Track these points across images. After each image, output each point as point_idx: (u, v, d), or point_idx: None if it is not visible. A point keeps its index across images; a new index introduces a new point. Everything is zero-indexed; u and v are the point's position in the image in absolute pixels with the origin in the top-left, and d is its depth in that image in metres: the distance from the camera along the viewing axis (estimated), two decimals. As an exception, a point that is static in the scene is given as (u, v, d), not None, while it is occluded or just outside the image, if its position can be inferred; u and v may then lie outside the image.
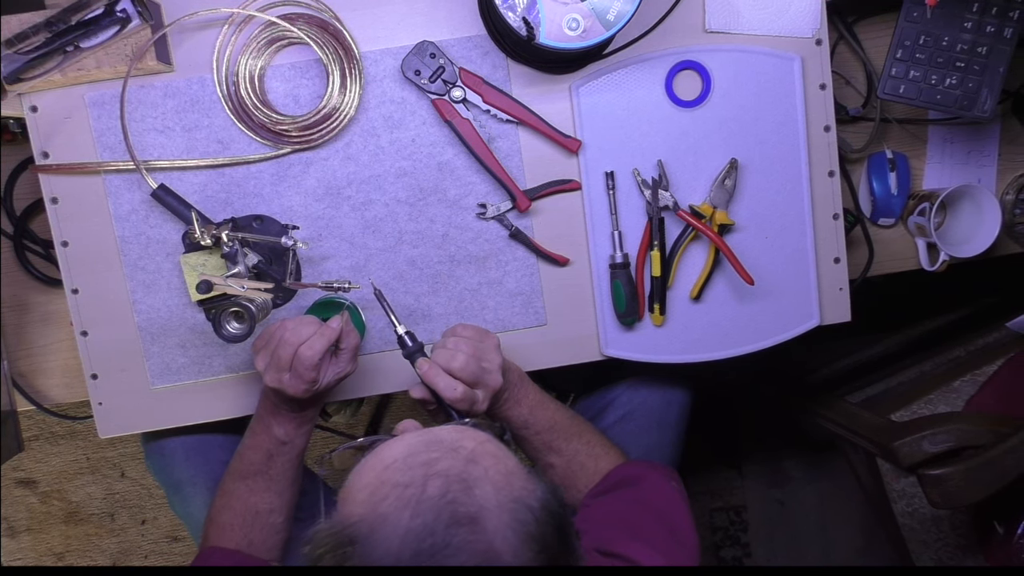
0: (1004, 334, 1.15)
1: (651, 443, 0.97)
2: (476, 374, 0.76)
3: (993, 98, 0.90)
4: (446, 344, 0.77)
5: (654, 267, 0.88)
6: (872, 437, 1.00)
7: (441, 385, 0.75)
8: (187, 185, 0.85)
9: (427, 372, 0.75)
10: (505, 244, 0.89)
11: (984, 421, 0.92)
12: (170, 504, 0.97)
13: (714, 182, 0.88)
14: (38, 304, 0.98)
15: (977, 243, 0.98)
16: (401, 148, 0.87)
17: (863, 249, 1.01)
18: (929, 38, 0.89)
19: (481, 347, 0.78)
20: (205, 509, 0.87)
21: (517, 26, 0.75)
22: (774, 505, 1.78)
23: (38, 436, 1.70)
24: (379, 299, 0.79)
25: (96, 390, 0.88)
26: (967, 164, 1.02)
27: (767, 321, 0.90)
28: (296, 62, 0.85)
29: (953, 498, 0.87)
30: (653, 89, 0.86)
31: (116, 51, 0.80)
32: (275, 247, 0.85)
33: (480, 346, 0.78)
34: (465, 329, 0.79)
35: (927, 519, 1.05)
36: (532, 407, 0.83)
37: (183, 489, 0.94)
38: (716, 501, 1.78)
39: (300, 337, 0.74)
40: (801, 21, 0.86)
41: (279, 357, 0.74)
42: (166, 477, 0.95)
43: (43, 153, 0.84)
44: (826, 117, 0.88)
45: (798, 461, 1.77)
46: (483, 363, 0.77)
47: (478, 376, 0.76)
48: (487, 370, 0.77)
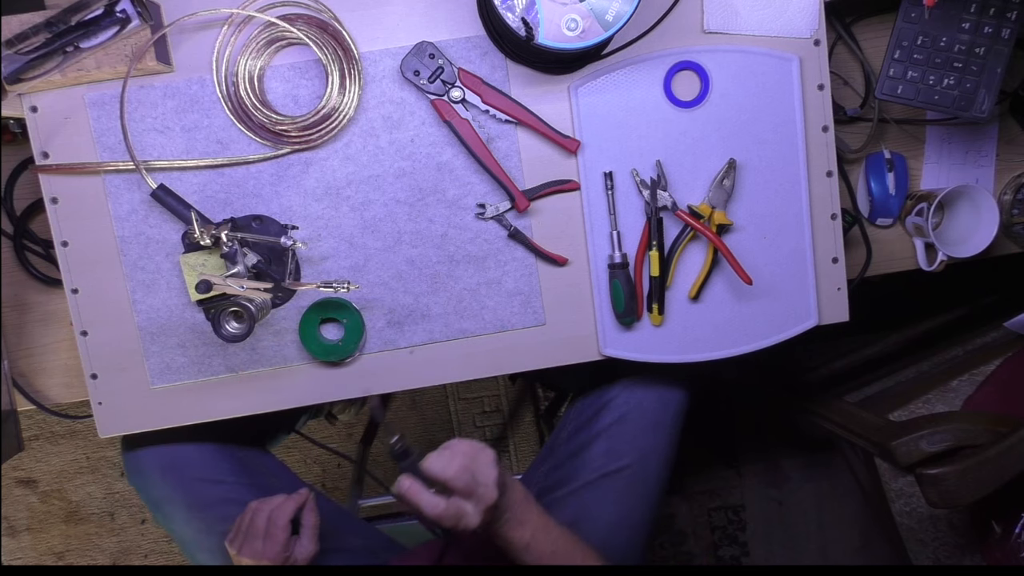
0: (1002, 334, 1.16)
1: (647, 445, 0.97)
2: (469, 485, 0.72)
3: (991, 98, 0.90)
4: (441, 454, 0.74)
5: (653, 267, 0.88)
6: (870, 437, 1.01)
7: (423, 503, 0.72)
8: (187, 185, 0.86)
9: (407, 491, 0.72)
10: (504, 244, 0.89)
11: (982, 420, 0.93)
12: (155, 520, 0.99)
13: (712, 182, 0.88)
14: (38, 304, 0.98)
15: (975, 243, 0.98)
16: (400, 148, 0.87)
17: (861, 249, 1.01)
18: (927, 39, 0.89)
19: (476, 461, 0.74)
20: (186, 526, 0.94)
21: (516, 26, 0.75)
22: (772, 504, 1.78)
23: (38, 436, 1.71)
24: (376, 415, 0.79)
25: (96, 390, 0.88)
26: (965, 164, 1.03)
27: (765, 321, 0.90)
28: (295, 62, 0.85)
29: (951, 497, 0.87)
30: (652, 89, 0.87)
31: (116, 51, 0.80)
32: (274, 247, 0.85)
33: (476, 459, 0.74)
34: (460, 443, 0.76)
35: (925, 518, 1.06)
36: (535, 530, 0.79)
37: (163, 507, 0.96)
38: (714, 500, 1.79)
39: (271, 505, 0.84)
40: (799, 22, 0.87)
41: (254, 525, 0.83)
42: (146, 495, 0.97)
43: (43, 153, 0.84)
44: (824, 117, 0.88)
45: (796, 460, 1.78)
46: (477, 475, 0.73)
47: (471, 488, 0.72)
48: (481, 483, 0.73)
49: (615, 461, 0.96)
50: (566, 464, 1.00)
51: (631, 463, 0.96)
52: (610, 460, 0.97)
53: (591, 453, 0.98)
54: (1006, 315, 1.07)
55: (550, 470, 1.02)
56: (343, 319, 0.87)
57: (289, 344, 0.88)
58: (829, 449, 1.74)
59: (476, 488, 0.73)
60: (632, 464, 0.96)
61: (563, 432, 1.05)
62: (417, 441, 1.79)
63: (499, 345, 0.90)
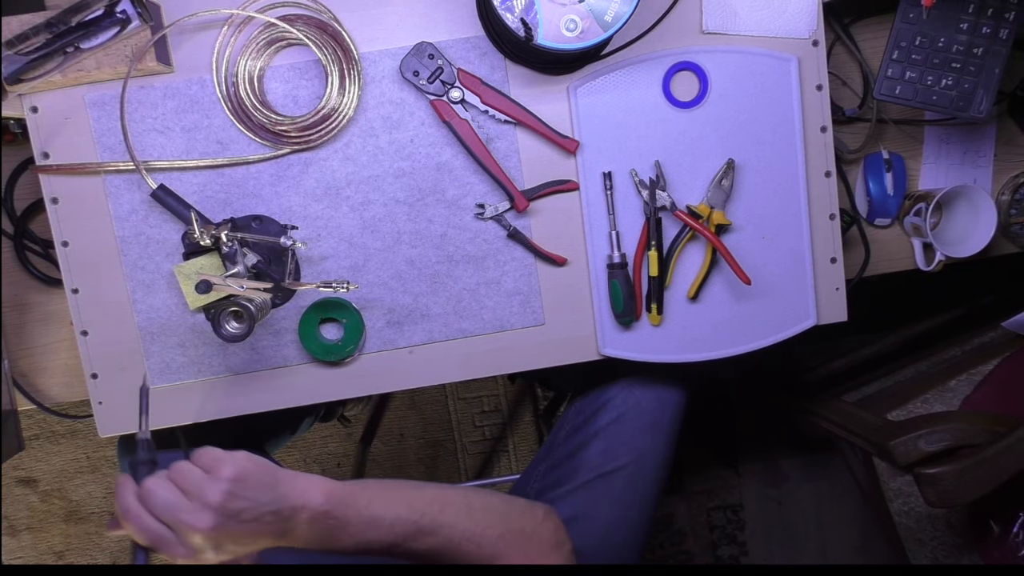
0: (1000, 333, 1.16)
1: (645, 445, 0.97)
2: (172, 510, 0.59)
3: (989, 99, 0.90)
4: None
5: (651, 267, 0.88)
6: (868, 436, 1.01)
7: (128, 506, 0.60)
8: (186, 185, 0.86)
9: (118, 489, 0.61)
10: (503, 244, 0.89)
11: (980, 420, 0.93)
12: None
13: (711, 182, 0.88)
14: (38, 304, 0.98)
15: (973, 243, 0.98)
16: (400, 148, 0.87)
17: (859, 249, 1.01)
18: (925, 39, 0.89)
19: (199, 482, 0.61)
20: None
21: (515, 27, 0.75)
22: (771, 504, 1.78)
23: (38, 435, 1.71)
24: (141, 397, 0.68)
25: (96, 389, 0.88)
26: (963, 165, 1.03)
27: (764, 321, 0.90)
28: (295, 63, 0.85)
29: (949, 497, 0.88)
30: (650, 90, 0.87)
31: (116, 52, 0.80)
32: (274, 247, 0.85)
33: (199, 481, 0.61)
34: (205, 455, 0.62)
35: (923, 518, 1.06)
36: (365, 524, 0.64)
37: None
38: (713, 500, 1.79)
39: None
40: (798, 22, 0.87)
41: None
42: None
43: (43, 153, 0.85)
44: (823, 118, 0.89)
45: (795, 460, 1.78)
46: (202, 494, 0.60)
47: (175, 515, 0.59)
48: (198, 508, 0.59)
49: (612, 461, 0.97)
50: (564, 464, 1.00)
51: (628, 463, 0.96)
52: (607, 460, 0.97)
53: (588, 453, 0.98)
54: (1004, 315, 1.07)
55: (548, 469, 1.03)
56: (343, 319, 0.87)
57: (289, 344, 0.89)
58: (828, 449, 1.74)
59: (180, 516, 0.59)
60: (629, 464, 0.96)
61: (561, 432, 1.05)
62: (417, 440, 1.80)
63: (498, 345, 0.90)
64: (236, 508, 0.59)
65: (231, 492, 0.60)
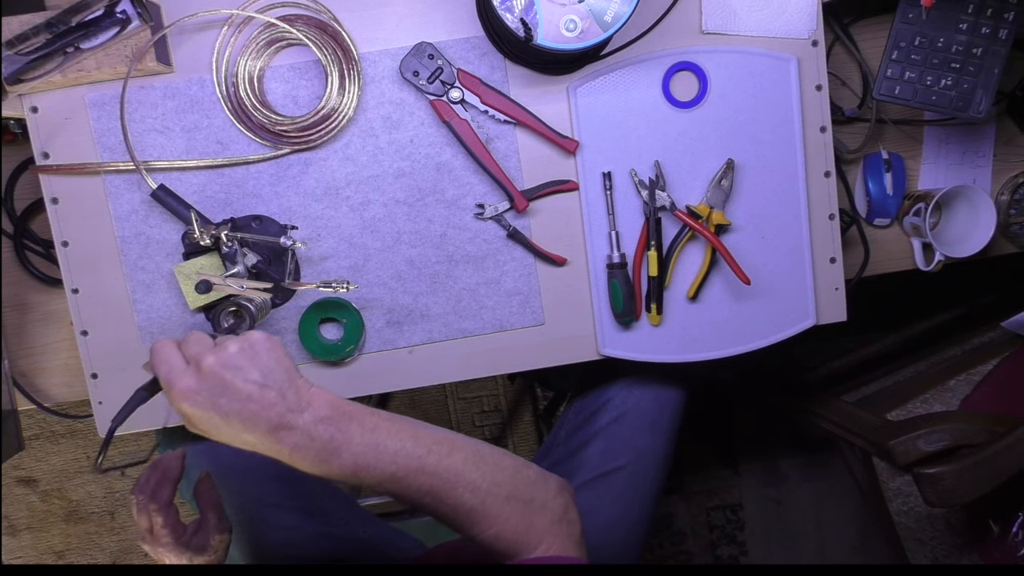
0: (999, 333, 1.16)
1: (644, 445, 0.97)
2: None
3: (988, 99, 0.90)
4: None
5: (651, 267, 0.88)
6: (868, 436, 1.01)
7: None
8: (186, 185, 0.86)
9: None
10: (503, 244, 0.89)
11: (979, 420, 0.93)
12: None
13: (711, 182, 0.88)
14: (38, 304, 0.98)
15: (972, 243, 0.98)
16: (399, 149, 0.87)
17: (859, 249, 1.01)
18: (924, 39, 0.90)
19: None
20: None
21: (515, 27, 0.75)
22: (771, 504, 1.78)
23: (39, 435, 1.71)
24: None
25: (96, 389, 0.88)
26: (962, 165, 1.03)
27: (763, 321, 0.90)
28: (295, 63, 0.85)
29: (948, 497, 0.88)
30: (650, 90, 0.87)
31: (116, 52, 0.80)
32: (274, 247, 0.85)
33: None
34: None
35: (922, 517, 1.06)
36: (367, 446, 0.61)
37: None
38: (713, 500, 1.79)
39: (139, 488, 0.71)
40: (797, 22, 0.87)
41: (137, 522, 0.71)
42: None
43: (43, 154, 0.85)
44: (822, 118, 0.89)
45: (794, 460, 1.78)
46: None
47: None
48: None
49: (612, 461, 0.97)
50: (563, 464, 1.00)
51: (628, 463, 0.97)
52: (607, 460, 0.97)
53: (588, 453, 0.98)
54: (1003, 315, 1.07)
55: (547, 469, 1.03)
56: (342, 319, 0.87)
57: (289, 344, 0.89)
58: (827, 449, 1.75)
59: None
60: (629, 464, 0.97)
61: (561, 432, 1.05)
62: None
63: (498, 345, 0.90)
64: (228, 379, 0.58)
65: (226, 363, 0.58)
